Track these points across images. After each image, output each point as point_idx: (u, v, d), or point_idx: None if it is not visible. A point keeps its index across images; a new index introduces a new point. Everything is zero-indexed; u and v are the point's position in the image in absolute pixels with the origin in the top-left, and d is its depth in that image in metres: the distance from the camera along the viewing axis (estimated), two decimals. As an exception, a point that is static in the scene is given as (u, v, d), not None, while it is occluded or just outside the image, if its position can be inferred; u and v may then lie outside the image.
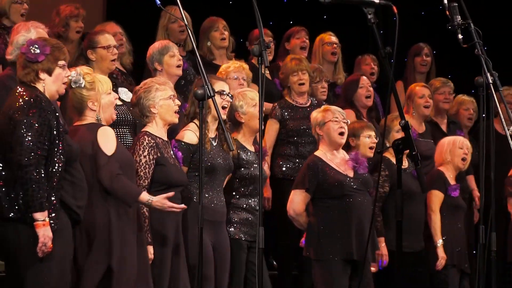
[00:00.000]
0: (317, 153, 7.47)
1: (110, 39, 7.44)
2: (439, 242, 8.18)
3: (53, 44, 6.05)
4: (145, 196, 6.31)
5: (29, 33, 6.61)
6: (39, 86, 5.96)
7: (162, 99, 6.66)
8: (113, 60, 7.47)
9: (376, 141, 7.80)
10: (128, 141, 7.18)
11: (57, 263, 5.97)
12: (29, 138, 5.87)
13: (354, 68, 9.85)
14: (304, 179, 7.38)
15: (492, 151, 6.22)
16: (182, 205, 6.36)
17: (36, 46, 5.95)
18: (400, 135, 7.29)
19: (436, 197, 8.32)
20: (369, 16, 5.20)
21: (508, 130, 6.26)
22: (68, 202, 6.06)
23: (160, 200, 6.25)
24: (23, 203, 5.87)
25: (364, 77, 8.91)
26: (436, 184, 8.30)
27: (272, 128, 8.32)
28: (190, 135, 6.81)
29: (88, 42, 7.42)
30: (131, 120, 7.05)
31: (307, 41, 9.38)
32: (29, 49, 5.94)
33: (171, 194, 6.22)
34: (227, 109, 6.94)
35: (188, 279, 6.64)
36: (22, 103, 5.85)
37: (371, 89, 8.84)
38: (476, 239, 6.40)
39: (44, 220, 5.84)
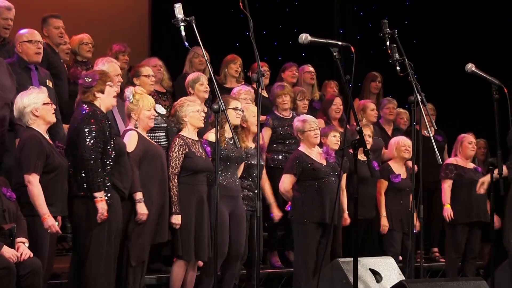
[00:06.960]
0: (300, 148, 7.81)
1: (149, 70, 7.93)
2: (383, 214, 8.27)
3: (99, 72, 6.53)
4: (139, 194, 6.54)
5: (102, 67, 6.87)
6: (96, 102, 6.42)
7: (192, 111, 6.89)
8: (151, 84, 7.93)
9: (340, 139, 7.85)
10: (161, 141, 7.46)
11: (107, 227, 6.23)
12: (89, 140, 6.13)
13: (322, 88, 9.93)
14: (293, 167, 7.63)
15: (420, 148, 6.43)
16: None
17: (88, 76, 6.33)
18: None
19: (383, 184, 8.62)
20: (334, 53, 5.39)
21: (431, 133, 6.30)
22: (117, 184, 6.53)
23: (140, 214, 6.46)
24: (86, 185, 6.11)
25: (338, 98, 9.03)
26: (383, 174, 8.61)
27: (267, 133, 8.61)
28: (211, 136, 6.88)
29: (134, 72, 7.96)
30: (164, 126, 7.21)
31: (296, 73, 9.64)
32: (84, 80, 6.28)
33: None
34: (240, 119, 7.03)
35: (210, 242, 6.66)
36: (84, 115, 6.27)
37: (341, 107, 8.94)
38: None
39: (101, 198, 6.18)
